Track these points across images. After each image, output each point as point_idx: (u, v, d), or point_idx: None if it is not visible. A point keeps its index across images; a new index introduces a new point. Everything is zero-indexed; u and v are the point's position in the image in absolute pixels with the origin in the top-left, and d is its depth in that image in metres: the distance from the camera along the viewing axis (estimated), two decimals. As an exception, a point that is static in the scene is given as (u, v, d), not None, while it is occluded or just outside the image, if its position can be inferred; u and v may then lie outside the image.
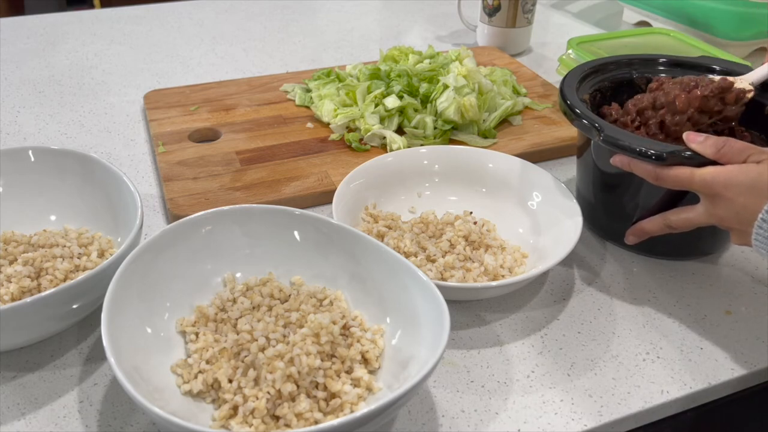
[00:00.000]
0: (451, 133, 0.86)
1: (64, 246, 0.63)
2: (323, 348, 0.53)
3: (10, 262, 0.61)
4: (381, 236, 0.68)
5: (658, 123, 0.65)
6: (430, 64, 0.93)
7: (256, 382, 0.51)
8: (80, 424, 0.52)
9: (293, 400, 0.50)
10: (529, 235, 0.70)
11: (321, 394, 0.51)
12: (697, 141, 0.58)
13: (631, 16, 1.33)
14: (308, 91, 0.95)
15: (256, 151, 0.83)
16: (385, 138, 0.84)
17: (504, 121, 0.91)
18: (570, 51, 1.04)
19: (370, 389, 0.53)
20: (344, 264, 0.60)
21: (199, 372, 0.53)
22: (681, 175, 0.58)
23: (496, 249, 0.68)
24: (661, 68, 0.75)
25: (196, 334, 0.56)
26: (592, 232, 0.74)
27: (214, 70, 1.09)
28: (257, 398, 0.50)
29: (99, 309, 0.50)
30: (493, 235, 0.70)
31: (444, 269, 0.64)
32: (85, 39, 1.19)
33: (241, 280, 0.61)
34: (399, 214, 0.72)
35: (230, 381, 0.52)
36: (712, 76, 0.68)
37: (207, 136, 0.87)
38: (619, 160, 0.62)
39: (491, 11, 1.13)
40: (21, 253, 0.61)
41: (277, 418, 0.50)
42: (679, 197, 0.63)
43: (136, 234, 0.58)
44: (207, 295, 0.60)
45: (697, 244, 0.70)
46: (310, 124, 0.89)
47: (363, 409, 0.44)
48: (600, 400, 0.55)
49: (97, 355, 0.58)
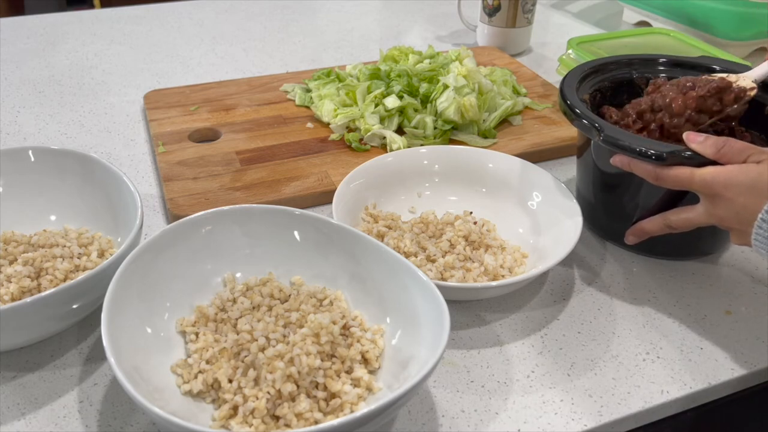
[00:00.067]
0: (451, 133, 0.86)
1: (64, 246, 0.63)
2: (323, 348, 0.53)
3: (10, 262, 0.61)
4: (381, 236, 0.68)
5: (658, 126, 0.65)
6: (430, 64, 0.93)
7: (256, 382, 0.51)
8: (80, 424, 0.52)
9: (293, 400, 0.50)
10: (529, 235, 0.70)
11: (321, 394, 0.51)
12: (697, 141, 0.58)
13: (631, 16, 1.33)
14: (308, 91, 0.95)
15: (256, 151, 0.83)
16: (385, 138, 0.84)
17: (504, 121, 0.91)
18: (570, 51, 1.04)
19: (370, 389, 0.53)
20: (344, 264, 0.60)
21: (199, 372, 0.53)
22: (681, 175, 0.58)
23: (496, 249, 0.68)
24: (661, 68, 0.75)
25: (196, 334, 0.56)
26: (592, 232, 0.74)
27: (214, 70, 1.09)
28: (257, 398, 0.50)
29: (99, 309, 0.50)
30: (493, 235, 0.70)
31: (444, 269, 0.64)
32: (85, 39, 1.19)
33: (241, 280, 0.61)
34: (399, 214, 0.72)
35: (230, 381, 0.52)
36: (710, 76, 0.68)
37: (207, 136, 0.87)
38: (619, 160, 0.62)
39: (491, 11, 1.13)
40: (21, 253, 0.61)
41: (277, 418, 0.50)
42: (679, 197, 0.63)
43: (136, 234, 0.58)
44: (207, 295, 0.60)
45: (697, 244, 0.70)
46: (310, 124, 0.89)
47: (363, 409, 0.44)
48: (600, 400, 0.55)
49: (97, 355, 0.58)
